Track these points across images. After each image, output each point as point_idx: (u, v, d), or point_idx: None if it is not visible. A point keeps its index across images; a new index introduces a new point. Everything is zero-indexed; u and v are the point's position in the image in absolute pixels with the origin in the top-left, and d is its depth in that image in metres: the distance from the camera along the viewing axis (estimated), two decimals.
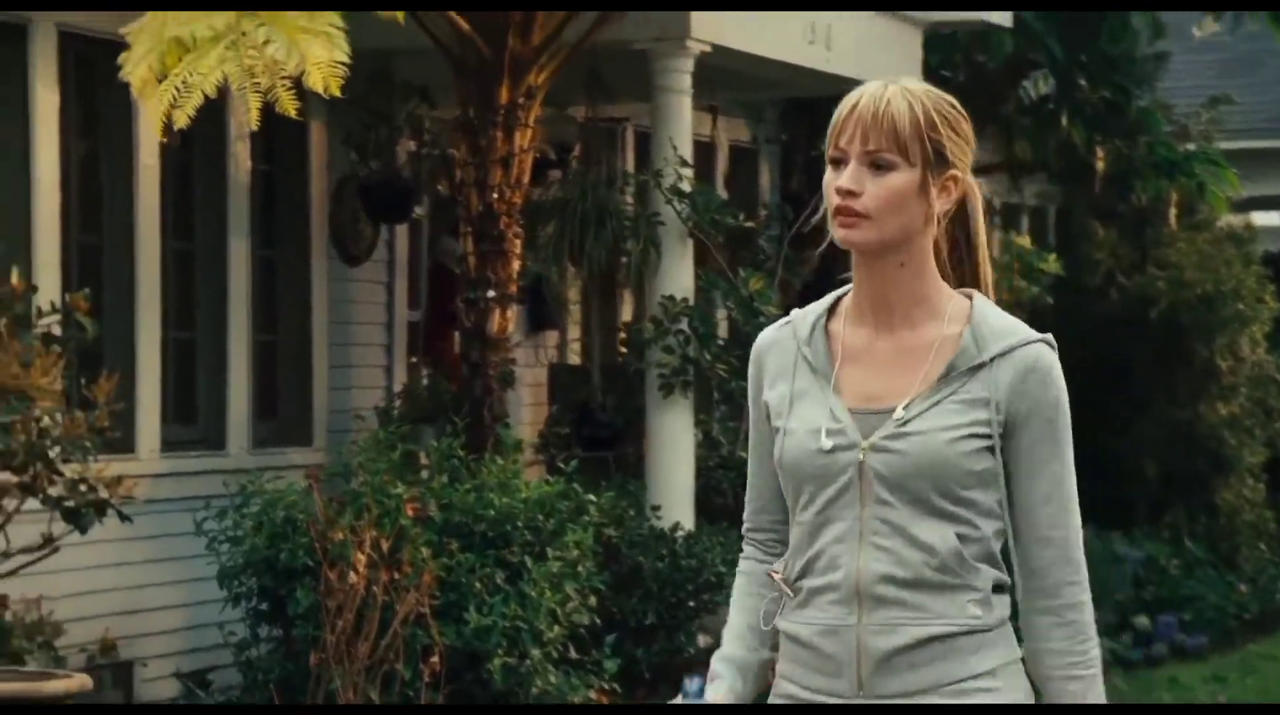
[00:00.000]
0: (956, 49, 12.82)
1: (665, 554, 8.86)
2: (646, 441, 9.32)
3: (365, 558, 7.26)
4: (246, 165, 9.07)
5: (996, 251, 13.35)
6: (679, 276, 9.24)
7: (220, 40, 6.56)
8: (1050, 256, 12.26)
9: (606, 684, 8.04)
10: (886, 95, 2.81)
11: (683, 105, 9.24)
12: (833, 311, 2.92)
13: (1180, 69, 15.18)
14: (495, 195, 8.62)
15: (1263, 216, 16.52)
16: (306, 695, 7.36)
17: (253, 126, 6.68)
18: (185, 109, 6.54)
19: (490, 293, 8.65)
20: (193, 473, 8.61)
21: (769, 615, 2.92)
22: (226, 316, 8.99)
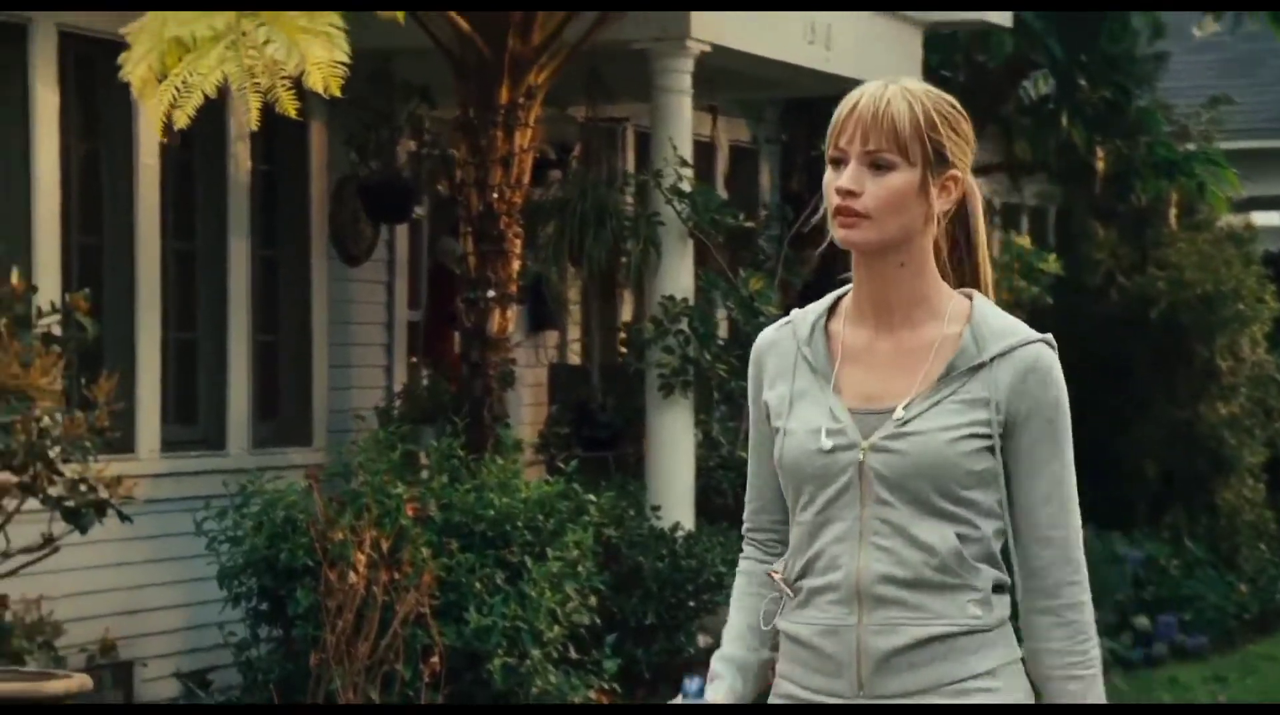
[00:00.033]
0: (957, 49, 12.82)
1: (665, 554, 8.86)
2: (646, 442, 9.32)
3: (365, 558, 7.26)
4: (247, 165, 9.07)
5: (996, 251, 13.35)
6: (679, 276, 9.25)
7: (220, 40, 6.56)
8: (1050, 256, 12.26)
9: (606, 684, 8.04)
10: (886, 95, 2.81)
11: (683, 105, 9.24)
12: (833, 311, 2.92)
13: (1180, 69, 15.18)
14: (495, 195, 8.62)
15: (1263, 216, 16.51)
16: (306, 695, 7.36)
17: (253, 127, 6.68)
18: (185, 109, 6.54)
19: (490, 293, 8.65)
20: (193, 473, 8.61)
21: (769, 615, 2.92)
22: (226, 316, 8.99)
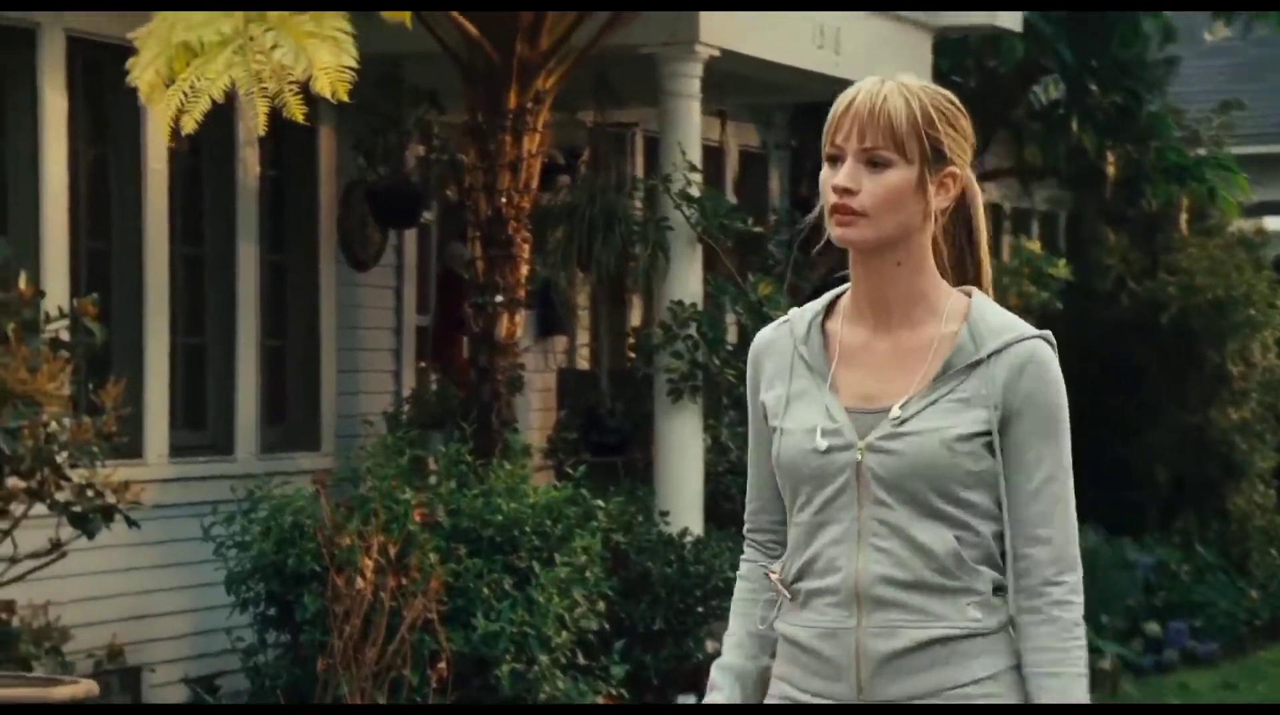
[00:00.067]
0: (967, 54, 12.80)
1: (673, 559, 8.84)
2: (655, 447, 9.31)
3: (373, 563, 7.25)
4: (255, 170, 9.07)
5: (1007, 256, 13.33)
6: (688, 281, 9.23)
7: (228, 45, 6.55)
8: (1060, 261, 12.24)
9: (614, 690, 8.02)
10: (883, 92, 2.78)
11: (691, 110, 9.23)
12: (831, 310, 2.89)
13: (1191, 74, 15.16)
14: (503, 200, 8.61)
15: (1274, 221, 16.47)
16: (314, 701, 7.35)
17: (260, 131, 6.67)
18: (193, 114, 6.53)
19: (498, 298, 8.64)
20: (201, 478, 8.60)
21: (765, 617, 2.89)
22: (235, 321, 8.98)
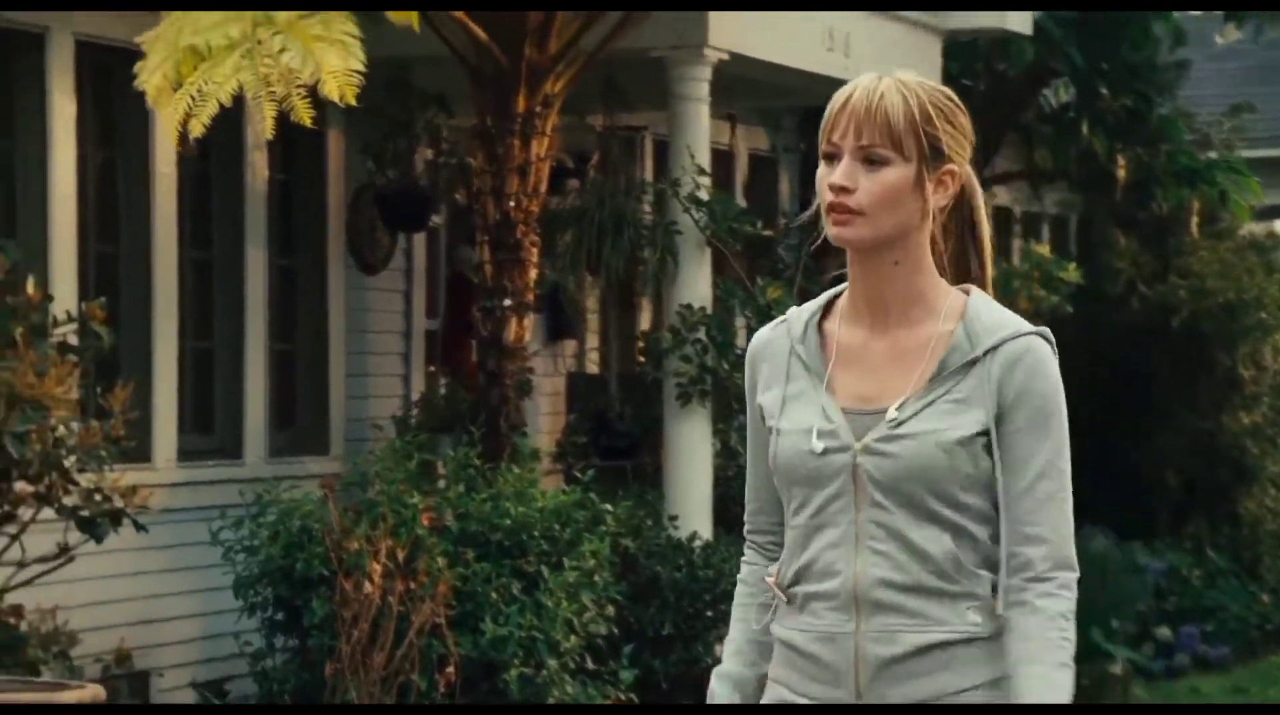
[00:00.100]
0: (976, 57, 12.78)
1: (683, 564, 8.82)
2: (664, 451, 9.29)
3: (381, 567, 7.24)
4: (264, 174, 9.06)
5: (1017, 260, 13.31)
6: (697, 285, 9.22)
7: (235, 49, 6.54)
8: (1071, 265, 12.21)
9: (623, 694, 8.00)
10: (880, 88, 2.75)
11: (700, 113, 9.21)
12: (829, 310, 2.86)
13: (1202, 77, 15.13)
14: (512, 204, 8.59)
15: None
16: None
17: (268, 135, 6.67)
18: (200, 118, 6.53)
19: (507, 302, 8.62)
20: (209, 482, 8.59)
21: (762, 620, 2.87)
22: (244, 325, 8.97)
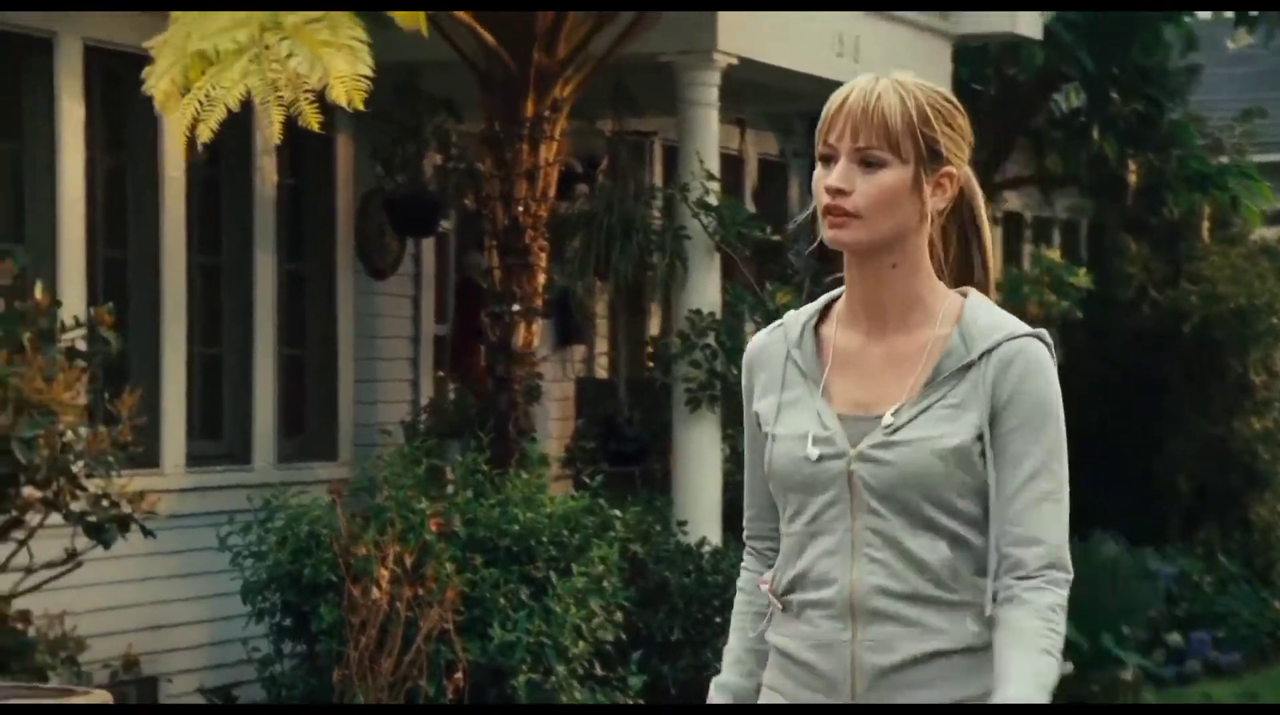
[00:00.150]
0: (987, 62, 12.76)
1: (691, 569, 8.80)
2: (673, 456, 9.27)
3: (389, 573, 7.23)
4: (273, 179, 9.06)
5: (1028, 265, 13.27)
6: (706, 290, 9.20)
7: (243, 53, 6.54)
8: (1081, 270, 12.19)
9: (632, 700, 7.98)
10: (877, 89, 2.71)
11: (710, 118, 9.19)
12: (826, 314, 2.83)
13: (1213, 82, 15.10)
14: (520, 208, 8.58)
15: None
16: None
17: (275, 140, 6.67)
18: (208, 123, 6.52)
19: (515, 307, 8.61)
20: (217, 487, 8.59)
21: (757, 627, 2.84)
22: (252, 330, 8.97)
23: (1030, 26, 11.36)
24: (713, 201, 9.15)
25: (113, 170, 8.47)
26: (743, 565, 2.91)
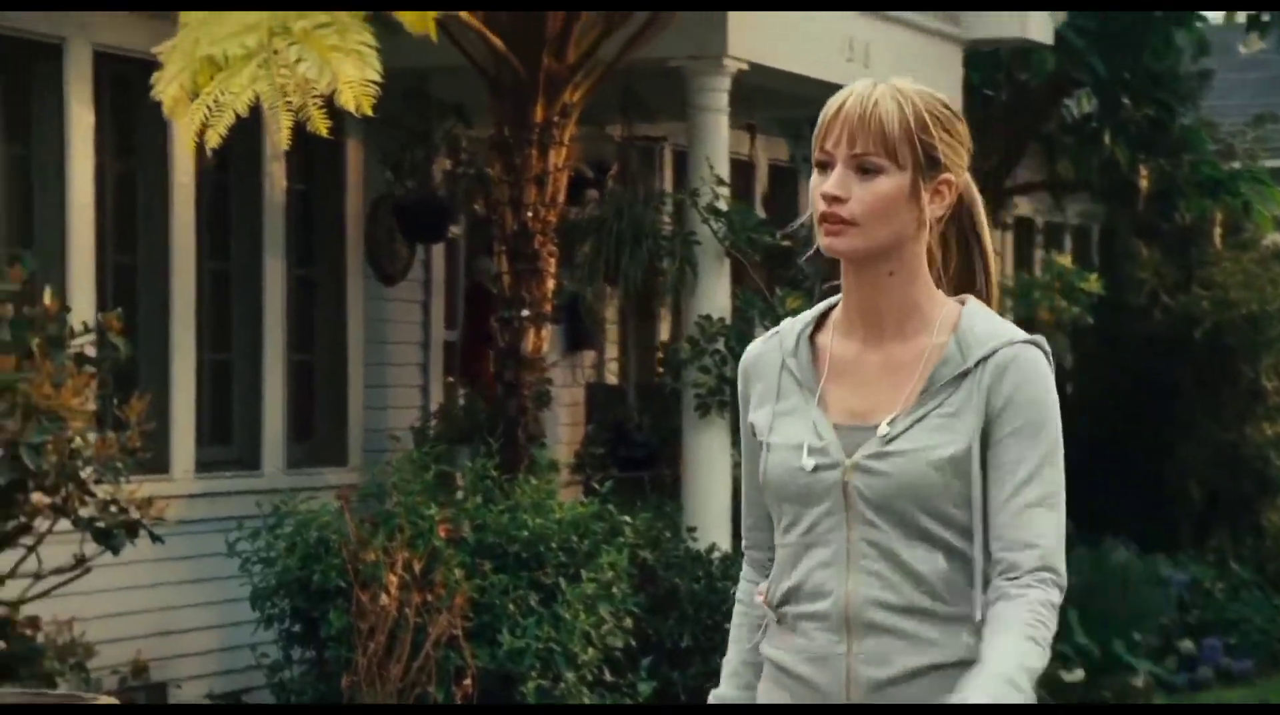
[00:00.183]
0: (998, 67, 12.74)
1: (701, 576, 8.79)
2: (682, 462, 9.26)
3: (398, 579, 7.22)
4: (282, 184, 9.05)
5: (1039, 270, 13.25)
6: (716, 296, 9.19)
7: (252, 59, 6.53)
8: (1093, 276, 12.16)
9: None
10: (874, 95, 2.68)
11: (720, 124, 9.18)
12: (822, 322, 2.80)
13: (1225, 87, 15.07)
14: (530, 214, 8.57)
15: None
16: None
17: (284, 145, 6.65)
18: (217, 128, 6.52)
19: (525, 312, 8.60)
20: (227, 493, 8.58)
21: (755, 641, 2.81)
22: (262, 336, 8.96)
23: (1041, 31, 11.34)
24: (723, 207, 9.13)
25: (122, 176, 8.47)
26: (741, 576, 2.88)
